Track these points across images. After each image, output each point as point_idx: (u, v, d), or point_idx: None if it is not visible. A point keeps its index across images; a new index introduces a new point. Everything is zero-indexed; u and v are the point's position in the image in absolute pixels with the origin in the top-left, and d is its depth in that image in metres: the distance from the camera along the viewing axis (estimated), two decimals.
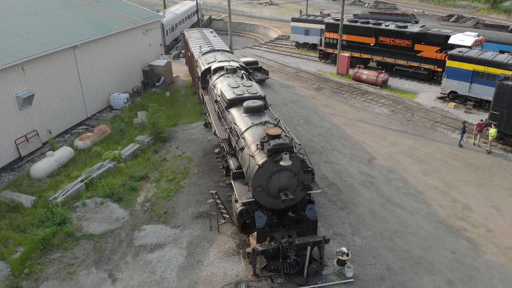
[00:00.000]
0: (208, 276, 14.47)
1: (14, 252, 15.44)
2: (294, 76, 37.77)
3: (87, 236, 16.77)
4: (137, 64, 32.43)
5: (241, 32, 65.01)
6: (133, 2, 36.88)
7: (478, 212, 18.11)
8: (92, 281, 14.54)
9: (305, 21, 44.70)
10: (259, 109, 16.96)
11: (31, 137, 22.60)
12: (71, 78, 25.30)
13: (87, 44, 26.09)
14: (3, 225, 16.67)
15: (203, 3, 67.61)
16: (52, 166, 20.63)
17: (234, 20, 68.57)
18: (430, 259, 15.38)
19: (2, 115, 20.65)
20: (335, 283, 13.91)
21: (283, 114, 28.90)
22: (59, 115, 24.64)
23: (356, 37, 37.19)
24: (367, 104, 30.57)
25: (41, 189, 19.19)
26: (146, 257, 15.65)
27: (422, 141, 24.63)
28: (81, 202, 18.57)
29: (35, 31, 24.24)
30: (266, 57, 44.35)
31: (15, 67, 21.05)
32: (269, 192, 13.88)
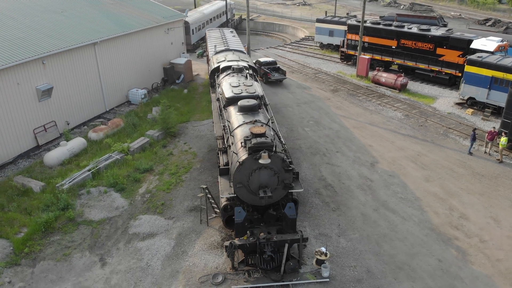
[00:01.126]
0: (189, 266, 15.06)
1: (18, 233, 16.70)
2: (312, 77, 37.76)
3: (86, 222, 17.82)
4: (158, 61, 33.61)
5: (270, 32, 65.41)
6: (170, 1, 38.06)
7: (475, 221, 17.65)
8: (83, 263, 15.51)
9: (330, 22, 44.48)
10: (253, 108, 17.38)
11: (49, 127, 24.11)
12: (90, 73, 26.71)
13: (107, 41, 27.42)
14: (11, 207, 18.02)
15: (234, 3, 68.43)
16: (64, 155, 21.96)
17: (264, 20, 69.22)
18: (413, 265, 15.24)
19: (22, 106, 22.21)
20: (310, 281, 14.11)
21: (294, 114, 29.15)
22: (77, 108, 26.09)
23: (378, 39, 36.67)
24: (381, 107, 30.18)
25: (50, 176, 20.52)
26: (137, 245, 16.46)
27: (431, 147, 24.11)
28: (86, 190, 19.68)
29: (58, 28, 25.79)
30: (288, 58, 44.53)
31: (36, 61, 22.56)
32: (250, 189, 14.30)
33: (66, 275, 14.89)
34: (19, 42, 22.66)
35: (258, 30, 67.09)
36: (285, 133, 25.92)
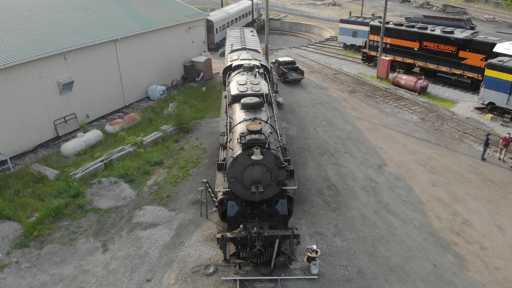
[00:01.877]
0: (184, 256, 15.59)
1: (30, 217, 17.76)
2: (331, 77, 37.61)
3: (95, 209, 18.70)
4: (178, 59, 34.47)
5: (297, 32, 65.34)
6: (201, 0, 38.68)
7: (477, 228, 17.26)
8: (87, 248, 16.34)
9: (353, 23, 44.08)
10: (255, 106, 17.67)
11: (69, 119, 25.34)
12: (111, 68, 27.81)
13: (128, 38, 28.45)
14: (26, 193, 19.14)
15: (261, 3, 68.78)
16: (80, 146, 23.04)
17: (291, 20, 69.17)
18: (407, 268, 15.13)
19: (44, 98, 23.46)
20: (298, 277, 14.30)
21: (307, 114, 29.22)
22: (97, 102, 27.24)
23: (400, 41, 36.06)
24: (397, 110, 29.74)
25: (65, 165, 21.61)
26: (139, 233, 17.15)
27: (443, 152, 23.63)
28: (98, 179, 20.61)
29: (81, 24, 27.01)
30: (310, 58, 44.48)
31: (58, 56, 23.77)
32: (243, 184, 14.64)
33: (69, 258, 15.75)
34: (43, 37, 23.95)
35: (285, 30, 67.18)
36: (295, 133, 26.09)
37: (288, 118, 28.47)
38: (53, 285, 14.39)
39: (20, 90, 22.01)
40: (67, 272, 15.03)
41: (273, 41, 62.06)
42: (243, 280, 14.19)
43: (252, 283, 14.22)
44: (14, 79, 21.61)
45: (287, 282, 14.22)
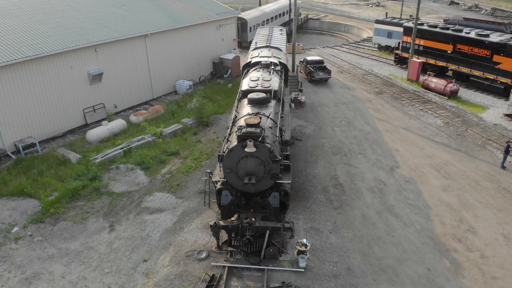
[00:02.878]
0: (181, 241, 16.32)
1: (49, 195, 19.23)
2: (360, 78, 37.15)
3: (109, 193, 19.92)
4: (208, 56, 35.48)
5: (335, 32, 64.76)
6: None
7: (482, 236, 16.70)
8: (95, 227, 17.50)
9: (389, 24, 43.19)
10: (261, 101, 18.13)
11: (98, 109, 26.96)
12: (140, 62, 29.22)
13: (157, 34, 29.75)
14: (49, 174, 20.70)
15: (301, 2, 68.71)
16: (104, 133, 24.49)
17: (330, 20, 68.62)
18: (399, 270, 14.98)
19: (74, 88, 25.15)
20: (285, 269, 14.59)
21: (328, 114, 29.18)
22: (125, 93, 28.74)
23: (434, 43, 34.98)
24: (422, 113, 28.98)
25: (88, 150, 23.09)
26: (145, 217, 18.12)
27: (462, 157, 22.86)
28: (116, 165, 21.88)
29: (114, 19, 28.59)
30: (342, 58, 44.08)
31: (89, 49, 25.38)
32: (238, 175, 15.15)
33: (78, 235, 16.96)
34: (77, 30, 25.66)
35: (324, 30, 66.81)
36: (311, 131, 26.19)
37: (307, 116, 28.59)
38: (59, 258, 15.61)
39: (52, 79, 23.76)
40: (73, 247, 16.23)
41: (310, 41, 62.04)
42: (232, 267, 14.68)
43: (240, 270, 14.69)
44: (47, 69, 23.36)
45: (274, 272, 14.56)
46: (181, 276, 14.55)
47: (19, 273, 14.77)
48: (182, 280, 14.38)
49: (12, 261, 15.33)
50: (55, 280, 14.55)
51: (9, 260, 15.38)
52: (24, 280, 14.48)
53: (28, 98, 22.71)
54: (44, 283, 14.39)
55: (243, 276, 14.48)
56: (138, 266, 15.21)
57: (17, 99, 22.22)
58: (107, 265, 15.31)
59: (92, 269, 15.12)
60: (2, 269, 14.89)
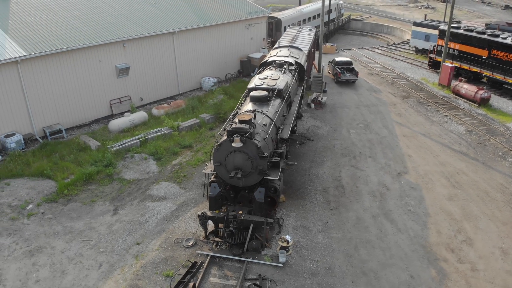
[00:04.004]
0: (173, 228, 17.16)
1: (66, 178, 20.82)
2: (390, 81, 36.32)
3: (120, 179, 21.22)
4: (235, 54, 36.25)
5: (377, 33, 63.29)
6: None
7: (478, 248, 16.08)
8: (101, 210, 18.79)
9: (426, 26, 41.72)
10: (262, 99, 18.55)
11: (124, 101, 28.57)
12: (167, 58, 30.54)
13: (185, 31, 30.92)
14: (69, 158, 22.36)
15: (343, 3, 67.78)
16: (125, 124, 25.96)
17: (374, 21, 67.12)
18: (380, 275, 14.86)
19: (102, 80, 26.86)
20: (264, 263, 14.94)
21: (347, 115, 28.93)
22: (151, 87, 30.17)
23: (469, 47, 33.45)
24: (446, 119, 27.95)
25: (108, 139, 24.62)
26: (147, 204, 19.16)
27: (477, 167, 21.92)
28: (131, 154, 23.20)
29: (145, 16, 30.10)
30: (376, 59, 43.20)
31: (117, 44, 26.97)
32: (226, 169, 15.71)
33: (83, 215, 18.31)
34: (107, 26, 27.36)
35: (366, 31, 65.53)
36: (325, 132, 26.16)
37: (325, 117, 28.53)
38: (62, 235, 16.99)
39: (81, 71, 25.55)
40: (77, 226, 17.57)
41: (350, 42, 61.18)
42: (215, 256, 15.28)
43: (222, 260, 15.25)
44: (76, 61, 25.15)
45: (253, 265, 14.97)
46: (166, 260, 15.37)
47: (25, 246, 16.27)
48: (167, 264, 15.19)
49: (21, 234, 16.90)
50: (55, 255, 15.89)
51: (18, 233, 16.96)
52: (28, 252, 15.95)
53: (58, 87, 24.61)
54: (44, 256, 15.77)
55: (223, 266, 15.04)
56: (131, 248, 16.21)
57: (48, 88, 24.16)
58: (103, 244, 16.46)
59: (90, 247, 16.33)
60: (11, 241, 16.48)
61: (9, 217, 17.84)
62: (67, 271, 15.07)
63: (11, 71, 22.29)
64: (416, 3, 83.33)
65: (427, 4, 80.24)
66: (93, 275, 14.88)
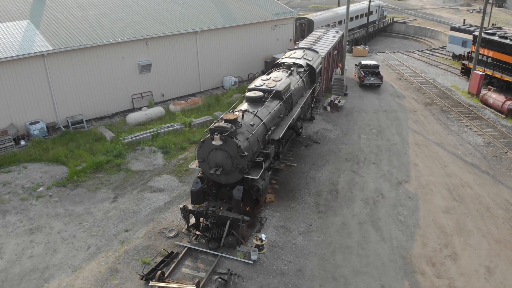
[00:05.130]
0: (161, 219, 18.01)
1: (78, 165, 22.40)
2: (417, 87, 35.14)
3: (126, 169, 22.49)
4: (260, 54, 36.71)
5: (420, 37, 61.07)
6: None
7: (462, 265, 15.48)
8: (102, 197, 20.08)
9: (464, 31, 39.77)
10: (257, 99, 18.97)
11: (145, 96, 30.02)
12: (189, 57, 31.65)
13: (207, 31, 31.86)
14: (84, 147, 23.97)
15: (386, 5, 65.89)
16: (142, 118, 27.32)
17: (418, 24, 64.78)
18: (350, 281, 14.77)
19: (124, 75, 28.42)
20: (237, 259, 15.35)
21: (362, 120, 28.47)
22: (173, 84, 31.42)
23: (502, 55, 31.57)
24: (465, 129, 26.71)
25: (123, 131, 26.07)
26: (144, 194, 20.21)
27: (486, 181, 20.89)
28: (141, 147, 24.46)
29: (169, 15, 31.39)
30: (408, 64, 41.85)
31: (140, 41, 28.41)
32: (209, 166, 16.29)
33: (85, 201, 19.68)
34: (133, 24, 28.89)
35: (409, 34, 63.49)
36: (334, 136, 25.97)
37: (338, 121, 28.28)
38: (63, 217, 18.40)
39: (104, 66, 27.22)
40: (77, 210, 18.95)
41: (390, 45, 59.61)
42: (192, 248, 15.93)
43: (198, 253, 15.86)
44: (100, 57, 26.85)
45: (226, 260, 15.42)
46: (147, 248, 16.23)
47: (27, 224, 17.84)
48: (147, 252, 16.05)
49: (26, 214, 18.52)
50: (52, 234, 17.28)
51: (25, 213, 18.60)
52: (29, 230, 17.47)
53: (82, 80, 26.41)
54: (42, 235, 17.21)
55: (198, 258, 15.64)
56: (119, 234, 17.26)
57: (72, 81, 26.01)
58: (96, 229, 17.65)
59: (83, 230, 17.58)
60: (17, 219, 18.13)
61: (20, 197, 19.60)
62: (58, 250, 16.37)
63: (38, 64, 24.29)
64: (469, 6, 79.22)
65: (480, 8, 75.97)
66: (80, 256, 16.06)
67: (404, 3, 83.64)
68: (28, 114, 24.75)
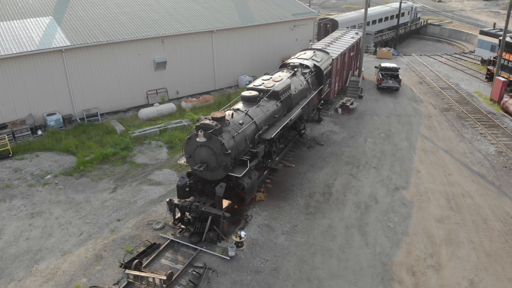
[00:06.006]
0: (152, 211, 18.64)
1: (86, 156, 23.54)
2: (437, 91, 33.99)
3: (131, 162, 23.38)
4: (277, 54, 36.78)
5: (454, 40, 58.76)
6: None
7: (444, 276, 15.03)
8: (103, 187, 21.01)
9: (493, 35, 37.99)
10: (251, 99, 19.24)
11: (160, 92, 30.95)
12: (205, 55, 32.28)
13: (224, 30, 32.35)
14: (95, 139, 25.09)
15: (421, 6, 63.79)
16: (153, 113, 28.22)
17: (453, 27, 62.34)
18: (325, 284, 14.72)
19: (140, 72, 29.45)
20: (215, 254, 15.68)
21: (372, 124, 27.99)
22: (188, 82, 32.18)
23: None
24: (479, 137, 25.64)
25: (133, 125, 27.06)
26: (143, 187, 20.96)
27: (489, 192, 20.05)
28: (148, 141, 25.32)
29: (187, 14, 32.13)
30: (433, 68, 40.49)
31: (156, 39, 29.30)
32: (195, 162, 16.72)
33: (86, 190, 20.68)
34: (150, 22, 29.87)
35: (443, 37, 61.26)
36: (340, 138, 25.72)
37: (347, 123, 27.94)
38: (63, 204, 19.46)
39: (121, 62, 28.34)
40: (77, 198, 19.96)
41: (422, 48, 57.87)
42: (174, 241, 16.44)
43: (179, 246, 16.34)
44: (117, 53, 27.98)
45: (204, 254, 15.80)
46: (133, 238, 16.91)
47: (30, 209, 19.03)
48: (132, 241, 16.71)
49: (31, 199, 19.74)
50: (50, 219, 18.34)
51: (30, 198, 19.83)
52: (30, 214, 18.63)
53: (98, 75, 27.64)
54: (41, 219, 18.31)
55: (178, 251, 16.13)
56: (111, 223, 18.06)
57: (89, 75, 27.28)
58: (91, 217, 18.55)
59: (79, 217, 18.53)
60: (21, 203, 19.37)
61: (28, 183, 20.90)
62: (53, 235, 17.37)
63: (56, 59, 25.68)
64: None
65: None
66: (71, 241, 16.97)
67: (443, 5, 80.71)
68: (46, 105, 26.23)
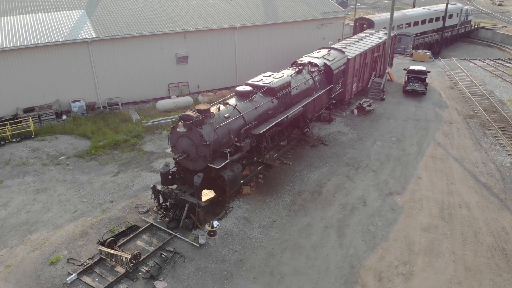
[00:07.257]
0: (142, 196, 19.54)
1: (100, 141, 25.14)
2: (466, 97, 32.17)
3: (139, 150, 24.64)
4: (302, 52, 36.30)
5: (506, 45, 54.86)
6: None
7: (413, 286, 14.51)
8: (107, 170, 22.37)
9: None
10: (244, 94, 19.63)
11: (182, 85, 32.12)
12: (227, 51, 32.98)
13: (247, 27, 32.84)
14: (111, 126, 26.66)
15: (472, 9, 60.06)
16: (169, 105, 29.41)
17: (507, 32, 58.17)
18: (286, 280, 14.79)
19: (162, 65, 30.77)
20: (186, 240, 16.27)
21: (387, 127, 27.21)
22: (210, 76, 33.07)
23: None
24: (497, 147, 24.05)
25: (148, 115, 28.38)
26: (143, 173, 22.05)
27: (490, 205, 18.87)
28: (159, 131, 26.51)
29: (213, 11, 32.99)
30: (470, 73, 38.24)
31: (178, 34, 30.46)
32: (177, 151, 17.40)
33: (92, 172, 22.15)
34: (175, 18, 31.09)
35: (494, 42, 57.51)
36: (347, 139, 25.31)
37: (360, 125, 27.35)
38: (68, 183, 21.01)
39: (143, 55, 29.81)
40: (82, 179, 21.46)
41: (470, 52, 54.84)
42: (153, 224, 17.25)
43: (157, 229, 17.13)
44: (140, 46, 29.46)
45: (177, 240, 16.45)
46: (118, 219, 17.95)
47: (38, 185, 20.77)
48: (116, 222, 17.75)
49: (41, 177, 21.52)
50: (52, 196, 19.93)
51: (40, 176, 21.62)
52: (36, 190, 20.35)
53: (122, 67, 29.30)
54: (44, 195, 19.95)
55: (155, 234, 16.91)
56: (104, 204, 19.27)
57: (114, 66, 29.00)
58: (88, 197, 19.91)
59: (78, 196, 19.95)
60: (31, 180, 21.19)
61: (42, 163, 22.78)
62: (51, 210, 18.89)
63: (83, 50, 27.60)
64: None
65: None
66: (65, 217, 18.37)
67: (503, 9, 75.45)
68: (72, 92, 28.28)
